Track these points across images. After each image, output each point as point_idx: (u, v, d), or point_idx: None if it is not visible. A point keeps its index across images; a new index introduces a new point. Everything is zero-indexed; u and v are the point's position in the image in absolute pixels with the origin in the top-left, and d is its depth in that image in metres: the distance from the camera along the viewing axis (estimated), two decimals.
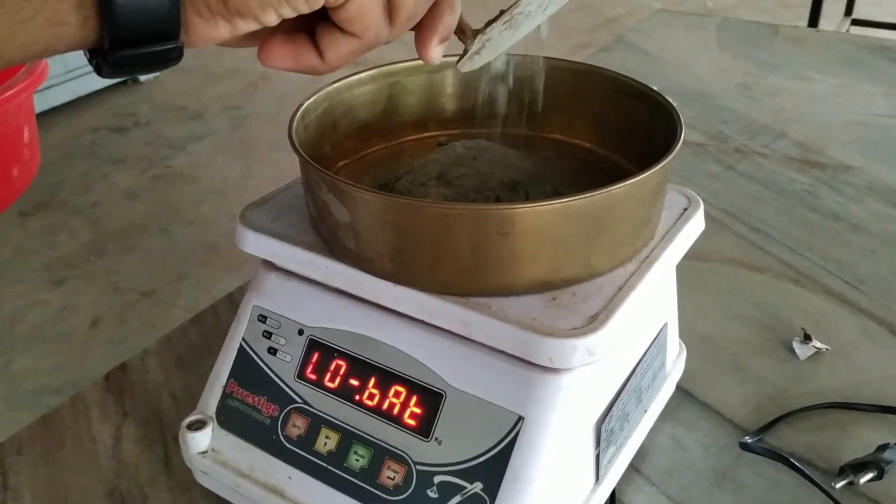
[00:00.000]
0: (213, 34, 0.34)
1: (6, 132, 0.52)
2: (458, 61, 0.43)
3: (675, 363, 0.57)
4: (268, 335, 0.49)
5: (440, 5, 0.39)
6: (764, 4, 4.04)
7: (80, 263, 2.06)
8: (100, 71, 0.33)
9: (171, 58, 0.34)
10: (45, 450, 0.56)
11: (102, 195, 2.38)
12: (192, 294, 1.92)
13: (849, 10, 2.88)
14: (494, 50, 0.44)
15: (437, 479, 0.42)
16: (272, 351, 0.48)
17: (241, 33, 0.35)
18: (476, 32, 0.42)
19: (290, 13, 0.34)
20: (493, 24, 0.41)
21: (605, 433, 0.45)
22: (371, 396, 0.45)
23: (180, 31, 0.33)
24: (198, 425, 0.49)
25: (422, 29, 0.40)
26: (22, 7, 0.30)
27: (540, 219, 0.40)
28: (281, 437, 0.47)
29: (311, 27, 0.37)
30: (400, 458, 0.43)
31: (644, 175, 0.42)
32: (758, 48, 1.27)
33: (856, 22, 2.85)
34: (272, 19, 0.34)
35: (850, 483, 0.51)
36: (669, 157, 0.43)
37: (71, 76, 2.80)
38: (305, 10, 0.34)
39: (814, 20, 2.55)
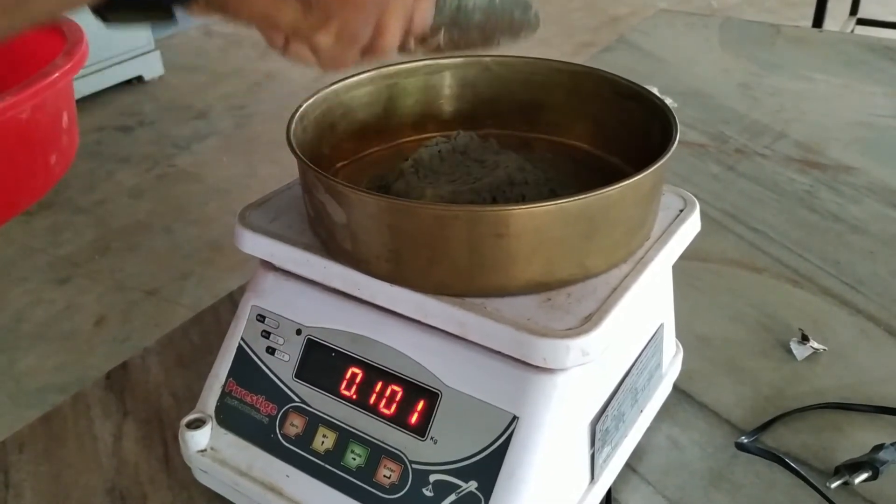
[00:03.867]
0: None
1: (45, 119, 0.49)
2: None
3: (672, 363, 0.57)
4: (266, 335, 0.49)
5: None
6: (769, 3, 4.03)
7: (84, 262, 2.07)
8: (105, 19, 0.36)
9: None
10: (46, 448, 0.56)
11: (107, 194, 2.39)
12: (195, 292, 1.93)
13: (854, 9, 2.87)
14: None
15: (432, 477, 0.42)
16: (270, 350, 0.49)
17: None
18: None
19: None
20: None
21: (599, 433, 0.46)
22: (368, 396, 0.45)
23: None
24: (197, 424, 0.49)
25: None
26: None
27: (535, 220, 0.40)
28: (279, 435, 0.47)
29: None
30: (396, 457, 0.44)
31: (639, 176, 0.42)
32: (760, 48, 1.27)
33: (861, 21, 2.85)
34: None
35: (846, 483, 0.51)
36: (664, 159, 0.44)
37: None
38: None
39: (818, 19, 2.54)
